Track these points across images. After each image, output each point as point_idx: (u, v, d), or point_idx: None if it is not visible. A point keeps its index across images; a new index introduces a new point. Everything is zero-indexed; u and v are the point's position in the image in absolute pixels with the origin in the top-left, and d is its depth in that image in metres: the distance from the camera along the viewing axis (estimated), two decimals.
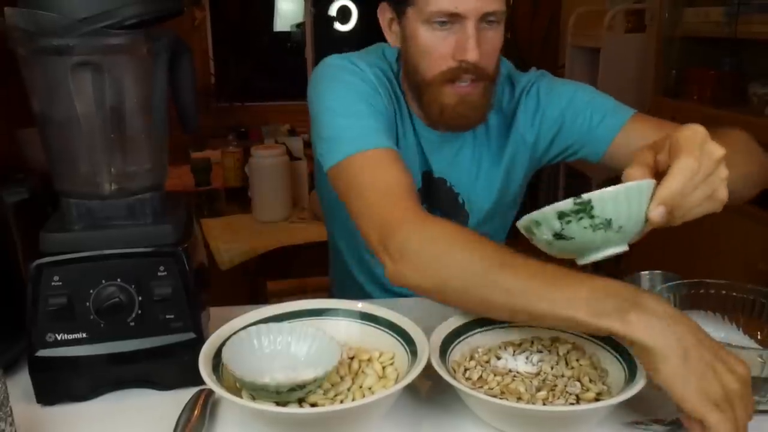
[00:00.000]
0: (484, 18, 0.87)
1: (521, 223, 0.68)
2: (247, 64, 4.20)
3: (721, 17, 2.36)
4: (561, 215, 0.63)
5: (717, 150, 0.62)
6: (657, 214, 0.63)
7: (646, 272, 0.98)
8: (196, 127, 0.83)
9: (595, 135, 0.99)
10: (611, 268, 3.08)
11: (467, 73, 0.89)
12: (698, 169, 0.62)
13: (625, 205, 0.63)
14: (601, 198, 0.62)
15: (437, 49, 0.89)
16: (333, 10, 4.32)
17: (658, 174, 0.65)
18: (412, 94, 0.99)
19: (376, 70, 0.97)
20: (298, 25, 4.45)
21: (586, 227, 0.63)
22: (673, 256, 2.33)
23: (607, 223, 0.63)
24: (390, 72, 1.01)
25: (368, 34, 1.03)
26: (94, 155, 0.74)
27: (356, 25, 4.36)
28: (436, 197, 1.06)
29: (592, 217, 0.62)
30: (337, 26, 4.35)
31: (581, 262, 0.68)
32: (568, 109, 1.01)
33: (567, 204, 0.63)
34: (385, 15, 0.96)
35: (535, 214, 0.66)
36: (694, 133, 0.63)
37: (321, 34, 4.27)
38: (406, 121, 1.01)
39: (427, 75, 0.91)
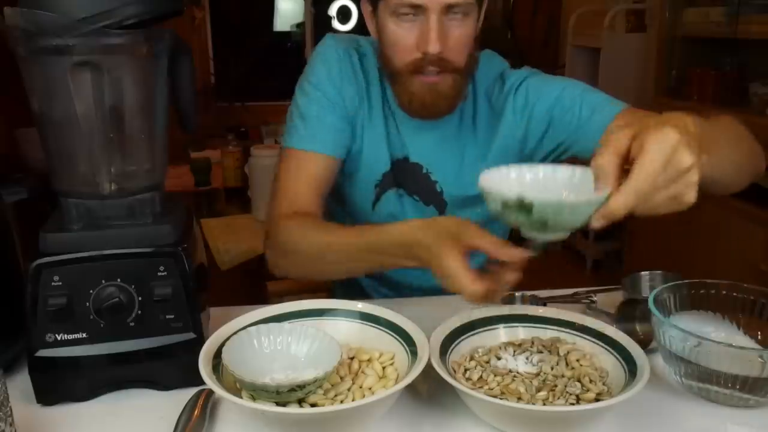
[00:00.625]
0: (449, 10, 0.88)
1: (481, 184, 0.68)
2: (247, 64, 4.20)
3: (722, 17, 2.36)
4: (504, 204, 0.63)
5: (685, 159, 0.59)
6: (598, 225, 0.62)
7: (646, 272, 0.98)
8: (196, 127, 0.83)
9: (585, 131, 0.98)
10: (612, 268, 3.08)
11: (432, 64, 0.91)
12: (658, 177, 0.59)
13: (566, 215, 0.63)
14: (543, 205, 0.61)
15: (402, 40, 0.91)
16: (333, 10, 4.32)
17: (629, 161, 0.62)
18: (389, 83, 1.01)
19: (352, 59, 1.03)
20: (298, 25, 4.45)
21: (523, 222, 0.64)
22: (673, 256, 2.34)
23: (543, 224, 0.63)
24: (372, 58, 1.04)
25: (368, 33, 1.03)
26: (94, 155, 0.74)
27: (356, 24, 4.36)
28: (410, 182, 1.07)
29: (529, 215, 0.62)
30: (337, 26, 4.35)
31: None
32: (556, 105, 1.00)
33: (511, 197, 0.62)
34: (366, 8, 0.99)
35: (486, 185, 0.66)
36: (664, 138, 0.59)
37: (321, 34, 4.27)
38: (377, 105, 1.03)
39: (396, 65, 0.94)
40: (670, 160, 0.59)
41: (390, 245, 0.80)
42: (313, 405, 0.67)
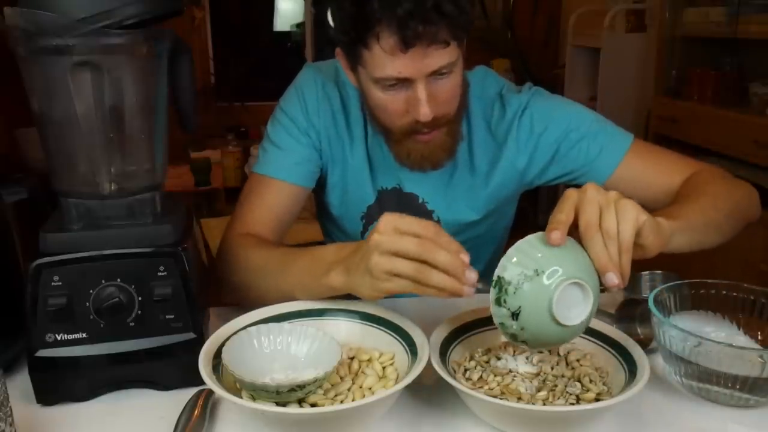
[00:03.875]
0: (435, 74, 0.85)
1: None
2: (247, 64, 4.20)
3: (722, 17, 2.36)
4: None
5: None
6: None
7: (646, 272, 0.98)
8: (196, 127, 0.83)
9: (594, 167, 0.98)
10: None
11: (426, 127, 0.88)
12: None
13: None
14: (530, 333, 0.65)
15: (391, 107, 0.88)
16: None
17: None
18: (382, 135, 0.98)
19: (329, 91, 1.02)
20: (298, 25, 4.45)
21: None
22: (673, 256, 2.33)
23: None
24: (354, 90, 1.01)
25: None
26: (94, 155, 0.74)
27: None
28: (403, 212, 1.04)
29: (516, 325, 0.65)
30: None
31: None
32: (563, 139, 0.99)
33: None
34: (342, 60, 0.93)
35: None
36: (587, 227, 0.64)
37: (321, 34, 4.27)
38: (359, 137, 1.02)
39: (388, 126, 0.92)
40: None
41: (312, 257, 0.80)
42: (313, 405, 0.67)
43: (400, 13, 0.78)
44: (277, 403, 0.67)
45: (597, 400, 0.68)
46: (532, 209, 3.49)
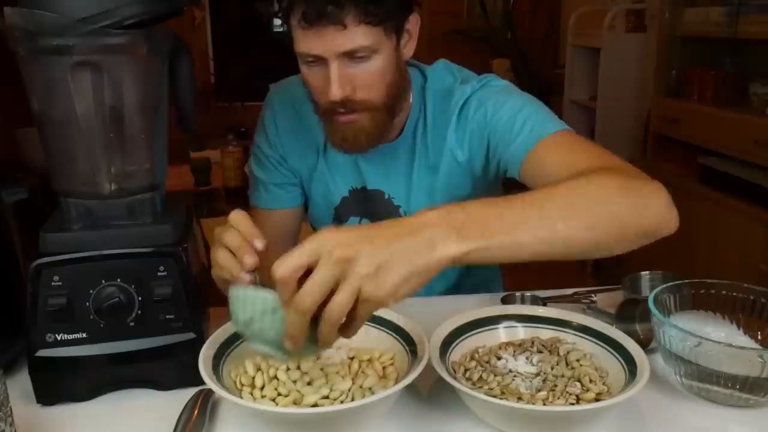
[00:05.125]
0: (348, 55, 0.85)
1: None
2: (247, 64, 4.20)
3: (722, 17, 2.35)
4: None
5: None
6: (288, 345, 0.59)
7: (646, 272, 0.98)
8: (196, 126, 0.83)
9: (510, 153, 0.91)
10: (612, 268, 3.08)
11: (342, 107, 0.89)
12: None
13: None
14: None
15: (312, 83, 0.90)
16: None
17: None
18: None
19: (287, 108, 1.05)
20: None
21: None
22: (673, 256, 2.33)
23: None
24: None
25: None
26: (94, 155, 0.74)
27: None
28: (374, 211, 1.06)
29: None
30: None
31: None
32: (490, 125, 0.94)
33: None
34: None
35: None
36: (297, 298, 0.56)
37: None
38: (321, 142, 1.05)
39: (316, 105, 0.93)
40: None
41: None
42: (313, 405, 0.67)
43: None
44: (277, 403, 0.67)
45: (597, 400, 0.68)
46: None
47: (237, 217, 0.69)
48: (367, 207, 1.07)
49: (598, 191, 0.68)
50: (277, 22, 4.83)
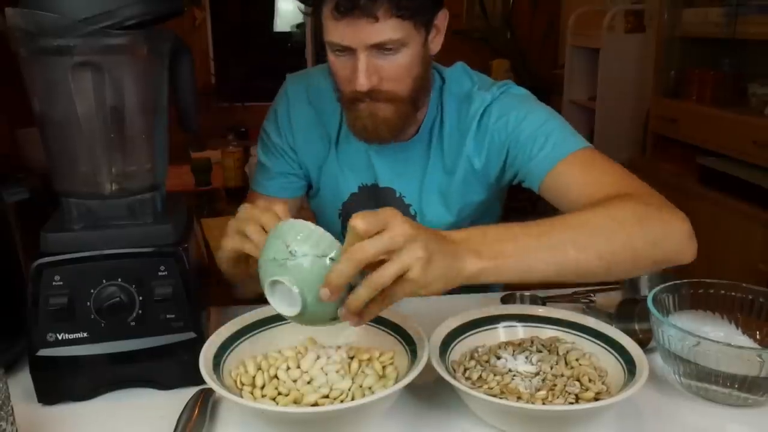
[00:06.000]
0: (378, 47, 0.85)
1: None
2: (247, 65, 4.20)
3: (721, 18, 2.36)
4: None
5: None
6: (323, 293, 0.59)
7: None
8: (197, 127, 0.83)
9: (531, 168, 0.92)
10: None
11: (367, 98, 0.90)
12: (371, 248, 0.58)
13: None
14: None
15: (340, 72, 0.91)
16: None
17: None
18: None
19: (300, 99, 1.05)
20: (298, 26, 4.45)
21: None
22: None
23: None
24: (328, 90, 1.02)
25: None
26: (95, 155, 0.74)
27: None
28: (382, 205, 1.02)
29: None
30: None
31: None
32: (513, 140, 0.95)
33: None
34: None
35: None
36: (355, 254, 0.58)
37: (321, 34, 4.26)
38: (334, 134, 1.05)
39: (340, 93, 0.94)
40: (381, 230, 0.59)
41: None
42: (313, 405, 0.67)
43: None
44: (276, 402, 0.67)
45: (596, 399, 0.68)
46: (531, 207, 3.49)
47: (253, 211, 0.72)
48: (377, 204, 1.06)
49: (614, 222, 0.72)
50: (278, 22, 4.81)
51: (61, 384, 0.74)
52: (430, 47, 0.93)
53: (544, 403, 0.67)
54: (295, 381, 0.71)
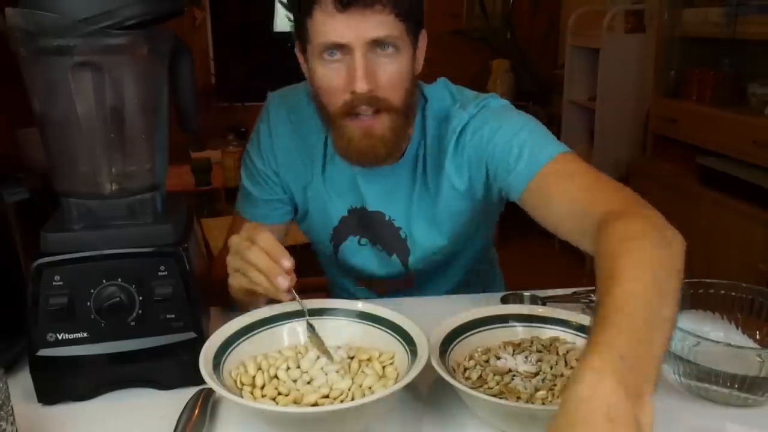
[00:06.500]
0: (375, 46, 0.83)
1: None
2: (247, 65, 4.20)
3: (721, 18, 2.36)
4: None
5: None
6: None
7: None
8: (197, 127, 0.83)
9: (511, 179, 0.87)
10: None
11: (365, 104, 0.85)
12: None
13: None
14: None
15: (331, 81, 0.86)
16: None
17: None
18: (328, 130, 0.95)
19: (281, 120, 1.02)
20: None
21: None
22: None
23: None
24: (310, 109, 0.99)
25: None
26: (95, 155, 0.74)
27: None
28: (373, 231, 1.03)
29: None
30: None
31: None
32: (487, 151, 0.91)
33: None
34: (300, 56, 0.93)
35: None
36: None
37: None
38: (318, 157, 1.01)
39: (330, 110, 0.89)
40: None
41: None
42: (313, 405, 0.67)
43: None
44: (276, 402, 0.67)
45: None
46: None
47: (261, 236, 0.75)
48: (367, 227, 1.04)
49: (653, 269, 0.62)
50: (278, 22, 4.80)
51: (61, 384, 0.74)
52: (415, 66, 0.91)
53: (544, 403, 0.67)
54: (295, 381, 0.71)
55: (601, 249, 0.66)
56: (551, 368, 0.73)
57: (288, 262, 0.74)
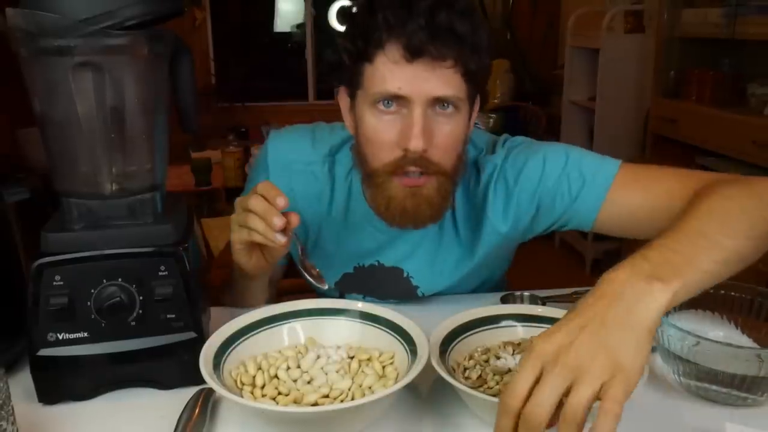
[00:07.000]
0: (436, 103, 0.80)
1: None
2: (247, 65, 4.21)
3: (720, 18, 2.36)
4: None
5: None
6: None
7: None
8: (197, 127, 0.83)
9: (577, 209, 0.88)
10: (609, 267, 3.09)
11: (414, 164, 0.81)
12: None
13: None
14: None
15: (382, 135, 0.82)
16: (333, 11, 4.32)
17: None
18: (364, 185, 0.92)
19: (293, 167, 0.95)
20: (299, 26, 4.45)
21: None
22: None
23: None
24: (341, 155, 0.96)
25: None
26: (95, 155, 0.74)
27: None
28: (383, 288, 0.99)
29: None
30: (337, 26, 4.35)
31: None
32: (540, 190, 0.90)
33: None
34: (343, 101, 0.89)
35: None
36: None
37: (321, 34, 4.28)
38: (340, 204, 0.96)
39: (374, 165, 0.84)
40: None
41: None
42: (313, 405, 0.68)
43: (410, 24, 0.76)
44: (276, 403, 0.67)
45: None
46: None
47: (260, 184, 0.77)
48: (374, 284, 1.00)
49: (732, 203, 0.69)
50: (278, 22, 4.79)
51: (61, 384, 0.74)
52: (468, 125, 0.87)
53: None
54: (295, 381, 0.71)
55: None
56: None
57: (282, 200, 0.74)
